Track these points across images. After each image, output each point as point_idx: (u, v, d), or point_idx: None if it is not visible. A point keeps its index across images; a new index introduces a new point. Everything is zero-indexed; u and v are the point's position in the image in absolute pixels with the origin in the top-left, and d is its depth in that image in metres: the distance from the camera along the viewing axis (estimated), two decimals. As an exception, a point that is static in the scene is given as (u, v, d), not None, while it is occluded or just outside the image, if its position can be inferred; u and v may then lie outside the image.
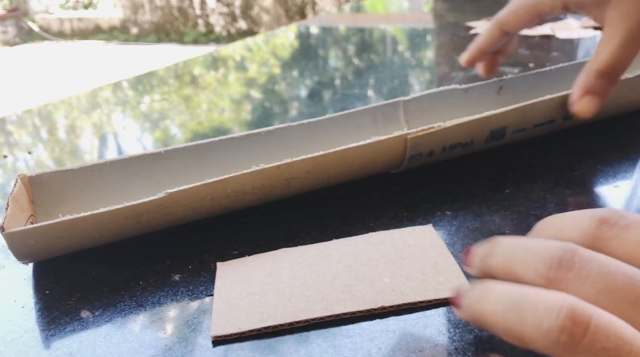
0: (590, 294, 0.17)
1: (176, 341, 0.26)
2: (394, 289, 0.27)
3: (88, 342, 0.26)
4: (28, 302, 0.29)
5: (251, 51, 0.89)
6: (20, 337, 0.26)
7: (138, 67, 3.84)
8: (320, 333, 0.25)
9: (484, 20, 0.90)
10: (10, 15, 5.65)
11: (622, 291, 0.17)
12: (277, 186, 0.34)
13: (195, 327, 0.26)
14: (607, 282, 0.17)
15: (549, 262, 0.19)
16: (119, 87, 0.72)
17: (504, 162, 0.40)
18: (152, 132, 0.54)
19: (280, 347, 0.25)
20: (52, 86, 3.71)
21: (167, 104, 0.62)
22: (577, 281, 0.18)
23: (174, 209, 0.32)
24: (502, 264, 0.21)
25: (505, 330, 0.19)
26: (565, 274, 0.18)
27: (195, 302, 0.28)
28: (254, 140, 0.39)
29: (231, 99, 0.64)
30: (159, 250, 0.33)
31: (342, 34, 0.98)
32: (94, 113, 0.62)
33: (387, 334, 0.25)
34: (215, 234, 0.34)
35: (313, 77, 0.71)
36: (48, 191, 0.35)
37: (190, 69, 0.78)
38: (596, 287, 0.17)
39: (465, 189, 0.37)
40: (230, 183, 0.32)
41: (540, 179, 0.38)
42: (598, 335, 0.16)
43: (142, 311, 0.28)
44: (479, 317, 0.20)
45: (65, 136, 0.55)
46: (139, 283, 0.30)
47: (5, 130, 0.58)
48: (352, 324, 0.26)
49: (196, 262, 0.31)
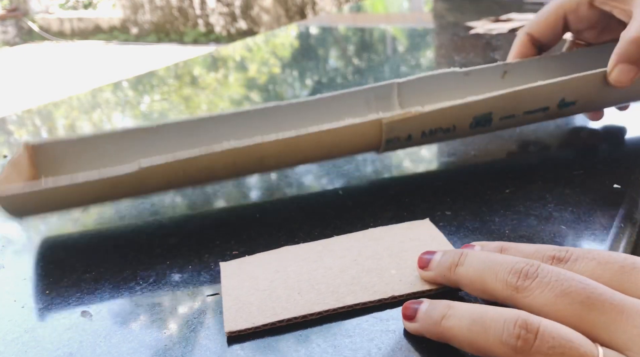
0: (549, 297, 0.21)
1: (176, 341, 0.26)
2: (402, 280, 0.27)
3: (88, 342, 0.26)
4: (28, 302, 0.29)
5: (251, 51, 0.89)
6: (20, 337, 0.26)
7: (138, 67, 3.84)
8: (320, 333, 0.25)
9: (484, 20, 0.90)
10: (10, 15, 5.65)
11: (575, 293, 0.21)
12: (250, 163, 0.34)
13: (195, 327, 0.26)
14: (562, 287, 0.21)
15: (517, 274, 0.22)
16: (119, 87, 0.72)
17: (504, 162, 0.40)
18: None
19: (280, 346, 0.25)
20: (52, 86, 3.71)
21: (167, 104, 0.62)
22: (538, 288, 0.22)
23: (147, 181, 0.33)
24: (471, 274, 0.24)
25: (470, 342, 0.22)
26: (530, 283, 0.22)
27: (196, 303, 0.28)
28: (244, 118, 0.40)
29: (231, 99, 0.64)
30: (159, 250, 0.33)
31: (342, 34, 0.98)
32: (93, 113, 0.62)
33: (387, 334, 0.25)
34: (215, 234, 0.34)
35: (313, 77, 0.71)
36: (50, 158, 0.38)
37: (190, 69, 0.78)
38: (554, 291, 0.21)
39: (465, 189, 0.37)
40: (203, 160, 0.33)
41: (540, 179, 0.38)
42: (545, 336, 0.20)
43: (142, 311, 0.28)
44: (442, 331, 0.23)
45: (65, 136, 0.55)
46: (139, 283, 0.30)
47: (5, 130, 0.58)
48: (352, 324, 0.26)
49: (196, 262, 0.31)
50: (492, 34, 0.83)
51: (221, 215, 0.36)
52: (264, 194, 0.39)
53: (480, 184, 0.37)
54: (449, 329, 0.22)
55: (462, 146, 0.44)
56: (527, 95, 0.37)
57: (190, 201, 0.39)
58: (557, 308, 0.21)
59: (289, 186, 0.40)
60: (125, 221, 0.36)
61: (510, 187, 0.37)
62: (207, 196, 0.39)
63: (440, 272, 0.26)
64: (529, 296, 0.22)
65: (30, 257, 0.33)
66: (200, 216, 0.36)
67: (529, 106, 0.38)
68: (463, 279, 0.25)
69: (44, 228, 0.37)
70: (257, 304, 0.27)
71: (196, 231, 0.35)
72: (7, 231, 0.37)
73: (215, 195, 0.39)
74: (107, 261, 0.32)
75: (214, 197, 0.39)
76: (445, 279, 0.26)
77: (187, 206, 0.38)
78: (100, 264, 0.32)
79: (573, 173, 0.38)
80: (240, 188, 0.40)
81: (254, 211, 0.36)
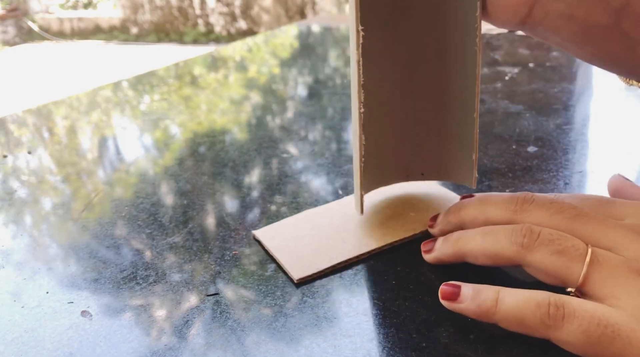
0: (545, 216, 0.26)
1: (176, 340, 0.26)
2: (422, 220, 0.33)
3: (88, 342, 0.26)
4: (28, 302, 0.29)
5: (251, 51, 0.89)
6: (20, 337, 0.26)
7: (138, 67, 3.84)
8: (320, 332, 0.25)
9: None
10: (10, 15, 5.65)
11: (566, 212, 0.26)
12: None
13: (195, 327, 0.26)
14: (555, 208, 0.26)
15: (515, 200, 0.28)
16: (119, 87, 0.72)
17: (504, 162, 0.40)
18: (152, 132, 0.54)
19: (280, 347, 0.25)
20: (52, 86, 3.71)
21: (167, 104, 0.62)
22: (535, 208, 0.27)
23: None
24: (474, 210, 0.29)
25: (484, 249, 0.26)
26: (528, 206, 0.27)
27: (196, 302, 0.28)
28: None
29: (231, 100, 0.64)
30: (159, 250, 0.33)
31: (342, 34, 0.98)
32: (93, 113, 0.62)
33: (386, 333, 0.25)
34: (215, 234, 0.34)
35: (313, 77, 0.71)
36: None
37: (190, 69, 0.78)
38: (549, 211, 0.26)
39: (466, 189, 0.37)
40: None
41: (540, 179, 0.38)
42: (546, 234, 0.25)
43: (142, 311, 0.28)
44: (458, 250, 0.28)
45: (65, 136, 0.55)
46: (139, 283, 0.30)
47: (5, 130, 0.58)
48: (352, 324, 0.26)
49: (196, 262, 0.31)
50: (492, 33, 0.83)
51: (221, 215, 0.36)
52: (264, 193, 0.39)
53: (480, 183, 0.37)
54: (464, 244, 0.27)
55: (462, 146, 0.44)
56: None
57: (190, 200, 0.39)
58: (552, 224, 0.26)
59: (289, 185, 0.40)
60: (125, 221, 0.36)
61: (510, 187, 0.37)
62: (207, 196, 0.39)
63: (450, 220, 0.30)
64: (527, 216, 0.27)
65: (30, 257, 0.33)
66: (200, 216, 0.36)
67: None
68: (468, 217, 0.29)
69: (43, 228, 0.37)
70: (312, 254, 0.31)
71: (196, 231, 0.35)
72: (7, 231, 0.37)
73: (214, 195, 0.39)
74: (107, 261, 0.32)
75: (214, 197, 0.39)
76: (451, 226, 0.30)
77: (187, 206, 0.38)
78: (100, 264, 0.32)
79: (573, 173, 0.38)
80: (240, 188, 0.40)
81: (254, 211, 0.36)
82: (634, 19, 0.26)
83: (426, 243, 0.30)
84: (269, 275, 0.30)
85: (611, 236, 0.25)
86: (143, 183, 0.43)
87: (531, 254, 0.25)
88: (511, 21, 0.28)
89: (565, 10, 0.26)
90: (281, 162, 0.44)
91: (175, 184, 0.41)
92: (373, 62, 0.30)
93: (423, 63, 0.32)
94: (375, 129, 0.32)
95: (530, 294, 0.24)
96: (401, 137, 0.34)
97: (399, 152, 0.34)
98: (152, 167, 0.46)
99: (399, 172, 0.35)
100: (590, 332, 0.22)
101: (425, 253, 0.30)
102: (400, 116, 0.33)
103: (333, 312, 0.27)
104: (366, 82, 0.29)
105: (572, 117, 0.49)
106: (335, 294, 0.28)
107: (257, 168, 0.44)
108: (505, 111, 0.51)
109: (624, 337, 0.21)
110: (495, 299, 0.24)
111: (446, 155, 0.34)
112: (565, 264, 0.24)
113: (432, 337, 0.25)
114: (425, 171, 0.35)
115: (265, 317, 0.27)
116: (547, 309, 0.23)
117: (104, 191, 0.41)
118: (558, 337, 0.23)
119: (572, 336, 0.22)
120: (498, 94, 0.57)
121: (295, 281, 0.29)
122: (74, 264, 0.32)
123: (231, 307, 0.27)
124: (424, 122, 0.33)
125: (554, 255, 0.24)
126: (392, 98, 0.32)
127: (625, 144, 0.42)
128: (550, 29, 0.28)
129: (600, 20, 0.26)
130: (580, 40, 0.27)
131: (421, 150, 0.34)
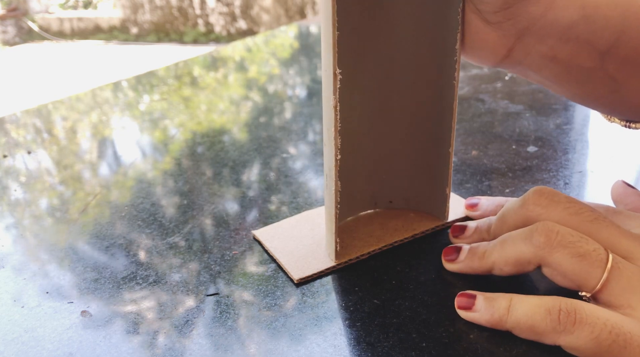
0: (564, 215, 0.25)
1: (176, 340, 0.26)
2: (422, 220, 0.33)
3: (88, 342, 0.26)
4: (28, 302, 0.29)
5: (251, 51, 0.89)
6: (20, 337, 0.26)
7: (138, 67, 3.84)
8: (320, 332, 0.25)
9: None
10: (10, 15, 5.64)
11: (585, 214, 0.25)
12: None
13: (195, 326, 0.26)
14: (575, 209, 0.25)
15: (536, 193, 0.26)
16: (119, 87, 0.72)
17: (504, 162, 0.40)
18: (152, 132, 0.54)
19: (280, 347, 0.25)
20: (52, 86, 3.71)
21: (167, 104, 0.62)
22: (557, 207, 0.26)
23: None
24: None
25: (506, 258, 0.26)
26: (549, 203, 0.26)
27: (195, 302, 0.28)
28: None
29: (230, 100, 0.64)
30: (159, 250, 0.33)
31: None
32: (93, 113, 0.62)
33: (386, 333, 0.25)
34: (215, 234, 0.34)
35: (313, 77, 0.71)
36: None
37: (190, 69, 0.78)
38: (568, 211, 0.25)
39: (466, 189, 0.37)
40: None
41: (540, 179, 0.38)
42: (565, 235, 0.24)
43: (142, 311, 0.28)
44: (485, 264, 0.27)
45: (64, 136, 0.55)
46: (139, 283, 0.30)
47: (5, 130, 0.58)
48: (352, 324, 0.26)
49: (196, 262, 0.31)
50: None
51: (221, 215, 0.36)
52: (264, 193, 0.39)
53: (481, 184, 0.37)
54: (487, 256, 0.27)
55: (462, 146, 0.44)
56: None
57: (190, 200, 0.39)
58: (571, 224, 0.25)
59: (289, 184, 0.40)
60: (125, 221, 0.36)
61: (510, 186, 0.37)
62: (207, 196, 0.39)
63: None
64: (551, 212, 0.26)
65: (30, 257, 0.33)
66: (200, 216, 0.36)
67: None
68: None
69: (43, 228, 0.37)
70: (312, 255, 0.31)
71: (196, 231, 0.35)
72: (7, 231, 0.37)
73: (214, 195, 0.39)
74: (107, 261, 0.32)
75: (213, 197, 0.39)
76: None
77: (187, 206, 0.38)
78: (100, 264, 0.32)
79: (573, 173, 0.38)
80: (240, 188, 0.40)
81: (254, 211, 0.36)
82: (619, 62, 0.25)
83: (449, 251, 0.29)
84: (269, 275, 0.30)
85: (625, 244, 0.24)
86: (143, 183, 0.43)
87: (550, 254, 0.24)
88: (490, 61, 0.28)
89: (548, 52, 0.26)
90: (281, 162, 0.44)
91: (175, 184, 0.41)
92: (343, 86, 0.27)
93: (395, 92, 0.31)
94: (343, 156, 0.29)
95: (540, 300, 0.23)
96: (369, 164, 0.33)
97: (367, 179, 0.33)
98: (152, 167, 0.46)
99: (365, 201, 0.34)
100: (602, 339, 0.22)
101: (448, 262, 0.29)
102: (369, 144, 0.32)
103: (333, 312, 0.27)
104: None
105: (572, 117, 0.49)
106: (335, 294, 0.28)
107: (256, 168, 0.44)
108: (505, 111, 0.51)
109: (635, 347, 0.21)
110: (507, 307, 0.24)
111: (417, 185, 0.33)
112: (585, 268, 0.23)
113: (432, 337, 0.25)
114: (394, 199, 0.34)
115: (265, 317, 0.27)
116: (557, 315, 0.22)
117: (104, 191, 0.41)
118: (568, 343, 0.22)
119: (583, 342, 0.22)
120: (498, 94, 0.57)
121: (295, 281, 0.29)
122: (74, 264, 0.32)
123: (231, 307, 0.27)
124: (394, 152, 0.33)
125: (575, 258, 0.24)
126: (361, 125, 0.31)
127: (625, 144, 0.42)
128: (531, 69, 0.27)
129: (584, 63, 0.26)
130: (562, 80, 0.27)
131: (389, 177, 0.33)
